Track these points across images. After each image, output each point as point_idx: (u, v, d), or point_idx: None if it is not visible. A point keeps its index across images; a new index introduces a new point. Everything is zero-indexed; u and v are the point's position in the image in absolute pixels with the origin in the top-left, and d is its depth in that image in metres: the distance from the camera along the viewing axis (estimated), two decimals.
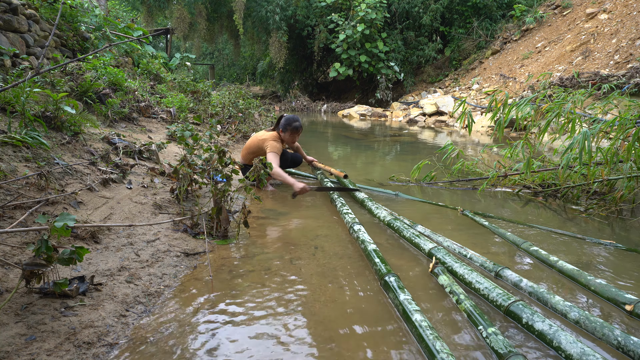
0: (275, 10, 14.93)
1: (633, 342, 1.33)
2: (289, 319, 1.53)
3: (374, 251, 1.99)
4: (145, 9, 15.69)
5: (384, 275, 1.76)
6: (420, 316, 1.44)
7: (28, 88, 2.58)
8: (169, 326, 1.45)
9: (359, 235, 2.22)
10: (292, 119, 3.50)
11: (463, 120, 3.54)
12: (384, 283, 1.74)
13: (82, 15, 5.54)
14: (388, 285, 1.70)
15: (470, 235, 2.46)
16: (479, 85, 12.19)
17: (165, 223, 2.26)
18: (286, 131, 3.48)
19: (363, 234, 2.21)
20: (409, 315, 1.47)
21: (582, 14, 11.58)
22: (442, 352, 1.26)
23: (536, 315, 1.47)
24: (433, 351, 1.28)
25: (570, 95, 3.32)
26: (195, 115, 4.57)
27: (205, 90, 7.02)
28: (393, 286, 1.67)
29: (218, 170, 2.46)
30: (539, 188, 3.50)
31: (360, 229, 2.29)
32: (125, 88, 4.53)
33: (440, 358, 1.24)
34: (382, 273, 1.79)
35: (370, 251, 2.01)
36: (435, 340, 1.31)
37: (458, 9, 14.96)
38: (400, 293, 1.61)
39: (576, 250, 2.27)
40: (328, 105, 15.40)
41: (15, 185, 2.02)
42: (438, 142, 7.34)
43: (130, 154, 3.23)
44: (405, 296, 1.58)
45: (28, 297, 1.43)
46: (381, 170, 4.60)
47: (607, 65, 8.51)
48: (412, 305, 1.51)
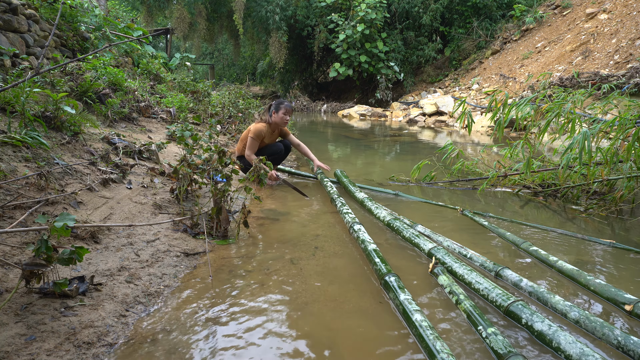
0: (275, 10, 14.93)
1: (633, 341, 1.34)
2: (288, 319, 1.53)
3: (374, 251, 1.99)
4: (145, 9, 15.69)
5: (384, 275, 1.76)
6: (420, 316, 1.45)
7: (28, 88, 2.58)
8: (169, 326, 1.45)
9: (359, 235, 2.22)
10: (282, 100, 3.75)
11: (463, 120, 3.54)
12: (384, 283, 1.75)
13: (82, 15, 5.54)
14: (388, 285, 1.70)
15: (470, 235, 2.46)
16: (479, 85, 12.19)
17: (165, 223, 2.26)
18: (278, 111, 3.64)
19: (363, 234, 2.21)
20: (409, 315, 1.48)
21: (582, 14, 11.58)
22: (442, 352, 1.26)
23: (536, 315, 1.47)
24: (433, 351, 1.28)
25: (570, 95, 3.32)
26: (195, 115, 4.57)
27: (205, 90, 7.01)
28: (393, 286, 1.67)
29: (218, 170, 2.46)
30: (538, 188, 3.50)
31: (360, 229, 2.28)
32: (125, 88, 4.53)
33: (441, 358, 1.25)
34: (382, 273, 1.80)
35: (370, 251, 2.00)
36: (435, 340, 1.32)
37: (458, 9, 14.97)
38: (400, 293, 1.61)
39: (576, 250, 2.27)
40: (328, 105, 15.40)
41: (15, 185, 2.02)
42: (438, 142, 7.34)
43: (130, 154, 3.23)
44: (406, 296, 1.59)
45: (28, 297, 1.43)
46: (381, 170, 4.60)
47: (607, 65, 8.51)
48: (412, 305, 1.52)
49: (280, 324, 1.50)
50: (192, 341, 1.38)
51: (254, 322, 1.51)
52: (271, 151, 3.68)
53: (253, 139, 3.55)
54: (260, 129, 3.58)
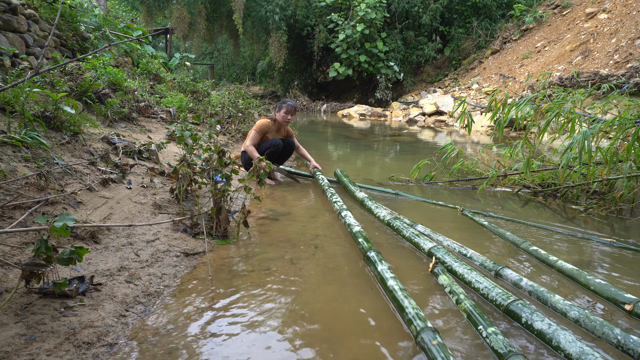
0: (275, 10, 14.92)
1: (633, 340, 1.34)
2: (288, 319, 1.53)
3: (359, 232, 2.24)
4: (145, 9, 15.68)
5: (367, 251, 2.00)
6: (393, 282, 1.69)
7: (27, 88, 2.57)
8: (168, 326, 1.45)
9: (346, 220, 2.49)
10: (286, 99, 3.87)
11: (463, 120, 3.54)
12: (366, 258, 1.98)
13: (82, 15, 5.54)
14: (370, 259, 1.94)
15: (470, 235, 2.46)
16: (479, 85, 12.19)
17: (164, 223, 2.26)
18: (280, 109, 3.74)
19: (349, 219, 2.48)
20: (385, 281, 1.72)
21: (582, 14, 11.58)
22: (409, 307, 1.50)
23: (535, 314, 1.47)
24: (403, 306, 1.53)
25: (569, 95, 3.32)
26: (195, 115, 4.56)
27: (204, 90, 7.01)
28: (374, 259, 1.91)
29: (217, 170, 2.46)
30: (538, 188, 3.50)
31: (347, 215, 2.54)
32: (124, 88, 4.53)
33: (408, 312, 1.48)
34: (364, 249, 2.04)
35: (355, 232, 2.26)
36: (404, 299, 1.55)
37: (458, 9, 14.97)
38: (379, 264, 1.85)
39: (576, 250, 2.27)
40: (328, 105, 15.40)
41: (14, 185, 2.02)
42: (438, 142, 7.34)
43: (130, 154, 3.23)
44: (383, 267, 1.82)
45: (28, 297, 1.43)
46: (381, 170, 4.60)
47: (607, 65, 8.51)
48: (388, 274, 1.75)
49: (280, 323, 1.50)
50: (192, 341, 1.38)
51: (254, 322, 1.51)
52: (269, 144, 3.71)
53: (256, 131, 3.67)
54: (265, 123, 3.72)
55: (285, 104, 3.75)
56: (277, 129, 3.81)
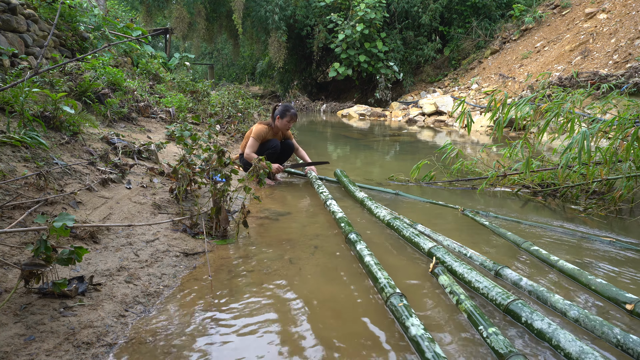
0: (275, 10, 14.92)
1: (632, 340, 1.34)
2: (288, 320, 1.53)
3: (341, 218, 2.45)
4: (144, 9, 15.67)
5: (348, 234, 2.22)
6: (369, 258, 1.89)
7: (27, 88, 2.57)
8: (168, 326, 1.45)
9: (331, 208, 2.73)
10: (289, 106, 3.77)
11: (462, 120, 3.54)
12: (347, 240, 2.19)
13: (81, 15, 5.53)
14: (350, 240, 2.14)
15: (470, 235, 2.46)
16: (478, 85, 12.19)
17: (164, 223, 2.26)
18: (284, 117, 3.69)
19: (334, 207, 2.71)
20: (362, 257, 1.93)
21: (581, 14, 11.59)
22: (382, 278, 1.70)
23: (535, 314, 1.47)
24: (377, 277, 1.73)
25: (569, 94, 3.32)
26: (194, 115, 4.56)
27: (204, 90, 7.01)
28: (354, 240, 2.12)
29: (217, 170, 2.45)
30: (538, 188, 3.51)
31: (331, 203, 2.79)
32: (124, 88, 4.52)
33: (381, 281, 1.68)
34: (346, 232, 2.26)
35: (338, 218, 2.49)
36: (378, 271, 1.76)
37: (457, 9, 14.97)
38: (358, 244, 2.05)
39: (576, 250, 2.27)
40: (327, 105, 15.39)
41: (14, 185, 2.01)
42: (437, 142, 7.34)
43: (130, 153, 3.22)
44: (361, 246, 2.03)
45: (27, 298, 1.42)
46: (380, 169, 4.60)
47: (606, 65, 8.52)
48: (365, 251, 1.96)
49: (280, 323, 1.50)
50: (192, 341, 1.38)
51: (254, 321, 1.51)
52: (267, 146, 3.71)
53: (254, 139, 3.63)
54: (262, 130, 3.67)
55: (289, 111, 3.68)
56: (274, 133, 3.78)
